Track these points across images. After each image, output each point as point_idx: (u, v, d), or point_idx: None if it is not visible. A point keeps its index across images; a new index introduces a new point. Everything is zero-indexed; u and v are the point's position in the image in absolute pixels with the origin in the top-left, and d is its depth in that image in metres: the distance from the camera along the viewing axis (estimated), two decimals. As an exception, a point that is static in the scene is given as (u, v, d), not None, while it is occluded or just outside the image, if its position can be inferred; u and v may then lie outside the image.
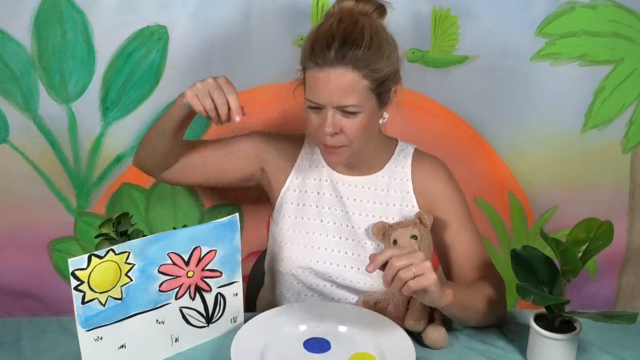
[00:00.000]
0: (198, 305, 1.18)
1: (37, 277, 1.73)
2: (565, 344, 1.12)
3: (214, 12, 1.51)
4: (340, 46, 1.14)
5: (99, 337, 1.08)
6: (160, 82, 1.56)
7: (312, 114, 1.22)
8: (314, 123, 1.22)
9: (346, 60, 1.14)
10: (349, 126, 1.20)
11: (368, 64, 1.15)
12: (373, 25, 1.19)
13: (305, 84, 1.22)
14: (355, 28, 1.16)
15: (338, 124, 1.19)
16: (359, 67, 1.15)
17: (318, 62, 1.16)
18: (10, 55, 1.51)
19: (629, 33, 1.56)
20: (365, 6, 1.20)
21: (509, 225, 1.75)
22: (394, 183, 1.33)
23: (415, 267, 1.04)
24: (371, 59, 1.16)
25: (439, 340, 1.19)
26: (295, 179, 1.37)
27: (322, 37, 1.17)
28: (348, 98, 1.16)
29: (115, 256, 1.06)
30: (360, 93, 1.17)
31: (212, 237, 1.15)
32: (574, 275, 1.12)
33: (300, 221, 1.35)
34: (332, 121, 1.19)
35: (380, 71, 1.17)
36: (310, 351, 1.15)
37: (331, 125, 1.19)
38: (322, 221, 1.34)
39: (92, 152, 1.62)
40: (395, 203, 1.32)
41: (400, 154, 1.35)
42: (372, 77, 1.17)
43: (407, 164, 1.34)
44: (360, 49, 1.14)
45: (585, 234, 1.16)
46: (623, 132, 1.65)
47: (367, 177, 1.33)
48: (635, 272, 1.81)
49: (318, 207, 1.34)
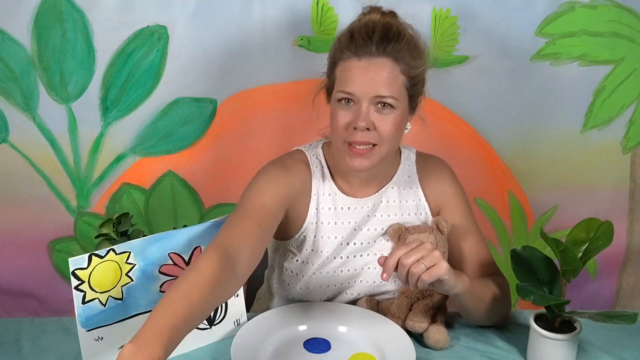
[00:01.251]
0: (199, 306, 1.18)
1: (37, 277, 1.73)
2: (565, 344, 1.12)
3: (214, 12, 1.51)
4: (382, 37, 1.13)
5: (99, 337, 1.08)
6: (160, 82, 1.56)
7: (340, 110, 1.16)
8: (342, 120, 1.15)
9: (387, 52, 1.13)
10: (382, 123, 1.14)
11: (407, 59, 1.14)
12: (407, 25, 1.19)
13: (337, 79, 1.17)
14: (392, 24, 1.16)
15: (371, 119, 1.14)
16: (399, 60, 1.14)
17: (357, 52, 1.13)
18: (10, 55, 1.51)
19: (629, 33, 1.56)
20: (391, 20, 1.20)
21: (509, 225, 1.75)
22: (405, 192, 1.30)
23: (425, 260, 1.05)
24: (411, 55, 1.15)
25: (441, 341, 1.19)
26: (315, 210, 1.26)
27: (362, 29, 1.15)
28: (386, 89, 1.13)
29: (115, 256, 1.06)
30: (397, 87, 1.14)
31: (212, 236, 1.15)
32: (574, 275, 1.12)
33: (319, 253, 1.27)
34: (366, 115, 1.13)
35: (417, 68, 1.16)
36: (310, 351, 1.15)
37: (365, 119, 1.13)
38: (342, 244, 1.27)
39: (92, 152, 1.62)
40: (409, 212, 1.30)
41: (406, 162, 1.32)
42: (409, 73, 1.15)
43: (413, 172, 1.31)
44: (401, 42, 1.14)
45: (585, 234, 1.16)
46: (623, 132, 1.65)
47: (379, 193, 1.28)
48: (635, 272, 1.81)
49: (337, 238, 1.26)
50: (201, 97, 1.60)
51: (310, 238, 1.26)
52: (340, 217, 1.26)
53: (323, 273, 1.27)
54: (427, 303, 1.20)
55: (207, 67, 1.56)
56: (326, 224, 1.26)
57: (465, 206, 1.32)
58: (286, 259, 1.29)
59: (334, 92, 1.17)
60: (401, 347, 1.14)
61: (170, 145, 1.64)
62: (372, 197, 1.28)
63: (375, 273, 1.28)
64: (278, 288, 1.33)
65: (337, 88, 1.16)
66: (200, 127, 1.63)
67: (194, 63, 1.55)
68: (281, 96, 1.60)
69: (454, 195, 1.31)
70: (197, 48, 1.54)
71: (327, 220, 1.26)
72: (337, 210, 1.26)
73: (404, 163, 1.32)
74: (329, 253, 1.26)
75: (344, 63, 1.15)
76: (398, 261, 1.06)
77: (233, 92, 1.61)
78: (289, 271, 1.29)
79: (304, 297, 1.29)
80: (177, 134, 1.63)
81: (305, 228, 1.25)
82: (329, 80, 1.20)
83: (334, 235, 1.26)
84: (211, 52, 1.55)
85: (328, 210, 1.26)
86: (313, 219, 1.26)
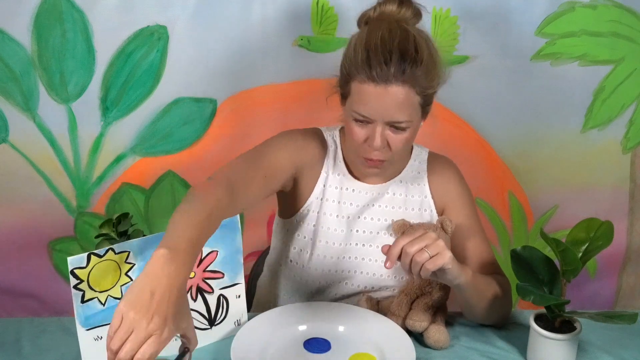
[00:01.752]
0: (200, 307, 1.18)
1: (37, 277, 1.73)
2: (565, 344, 1.12)
3: (214, 12, 1.51)
4: (399, 63, 1.11)
5: (98, 336, 1.08)
6: (160, 82, 1.56)
7: (355, 126, 1.17)
8: (359, 136, 1.17)
9: (404, 78, 1.11)
10: (395, 141, 1.17)
11: (424, 81, 1.13)
12: (424, 37, 1.16)
13: (352, 94, 1.16)
14: (409, 42, 1.13)
15: (385, 139, 1.16)
16: (415, 85, 1.12)
17: (374, 77, 1.11)
18: (10, 55, 1.51)
19: (629, 33, 1.56)
20: (407, 12, 1.18)
21: (509, 225, 1.75)
22: (412, 188, 1.31)
23: (429, 249, 1.05)
24: (429, 77, 1.14)
25: (441, 341, 1.18)
26: (322, 186, 1.31)
27: (378, 51, 1.12)
28: (401, 114, 1.13)
29: (114, 255, 1.06)
30: (412, 109, 1.14)
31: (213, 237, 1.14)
32: (574, 275, 1.12)
33: (321, 230, 1.30)
34: (381, 136, 1.15)
35: (434, 88, 1.16)
36: (310, 351, 1.15)
37: (379, 141, 1.15)
38: (344, 231, 1.30)
39: (92, 152, 1.62)
40: (414, 207, 1.31)
41: (417, 158, 1.33)
42: (425, 93, 1.15)
43: (423, 169, 1.32)
44: (419, 67, 1.12)
45: (585, 234, 1.16)
46: (623, 132, 1.65)
47: (386, 184, 1.31)
48: (635, 272, 1.81)
49: (339, 216, 1.30)
50: (201, 97, 1.60)
51: (314, 213, 1.29)
52: (344, 197, 1.30)
53: (327, 257, 1.28)
54: (427, 302, 1.20)
55: (207, 67, 1.56)
56: (330, 201, 1.29)
57: (470, 207, 1.32)
58: (292, 236, 1.32)
59: (349, 107, 1.17)
60: (401, 347, 1.14)
61: (170, 145, 1.64)
62: (379, 187, 1.30)
63: (377, 266, 1.29)
64: (284, 269, 1.34)
65: (352, 106, 1.16)
66: (200, 127, 1.63)
67: (194, 63, 1.55)
68: (281, 96, 1.60)
69: (460, 195, 1.32)
70: (197, 48, 1.54)
71: (331, 198, 1.29)
72: (342, 190, 1.30)
73: (415, 159, 1.33)
74: (330, 231, 1.29)
75: (359, 84, 1.13)
76: (402, 250, 1.06)
77: (233, 92, 1.61)
78: (296, 249, 1.30)
79: (309, 278, 1.30)
80: (177, 134, 1.63)
81: (310, 203, 1.29)
82: (343, 88, 1.19)
83: (336, 214, 1.29)
84: (211, 52, 1.55)
85: (334, 189, 1.29)
86: (319, 195, 1.29)
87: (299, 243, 1.31)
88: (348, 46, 1.17)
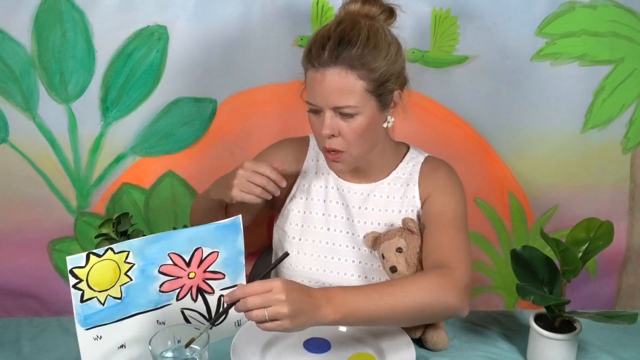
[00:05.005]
0: (200, 307, 1.18)
1: (37, 277, 1.73)
2: (565, 344, 1.12)
3: (214, 12, 1.51)
4: (334, 46, 1.13)
5: (98, 336, 1.08)
6: (160, 82, 1.56)
7: (312, 117, 1.21)
8: (315, 127, 1.22)
9: (340, 60, 1.13)
10: (347, 129, 1.18)
11: (363, 63, 1.14)
12: (373, 26, 1.17)
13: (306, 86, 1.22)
14: (353, 29, 1.15)
15: (336, 127, 1.18)
16: (354, 66, 1.14)
17: (314, 63, 1.16)
18: (10, 55, 1.51)
19: (629, 33, 1.56)
20: (372, 9, 1.19)
21: (509, 225, 1.74)
22: (398, 190, 1.31)
23: (268, 311, 0.98)
24: (366, 58, 1.14)
25: (439, 343, 1.19)
26: (302, 185, 1.36)
27: (319, 39, 1.16)
28: (344, 99, 1.15)
29: (114, 255, 1.06)
30: (357, 94, 1.15)
31: (214, 238, 1.15)
32: (574, 275, 1.12)
33: (307, 229, 1.34)
34: (330, 123, 1.17)
35: (377, 71, 1.16)
36: (310, 351, 1.15)
37: (329, 127, 1.17)
38: (329, 229, 1.33)
39: (92, 152, 1.62)
40: (400, 209, 1.31)
41: (410, 162, 1.33)
42: (369, 77, 1.15)
43: (415, 171, 1.32)
44: (354, 48, 1.13)
45: (585, 234, 1.17)
46: (623, 132, 1.65)
47: (373, 185, 1.32)
48: (635, 272, 1.81)
49: (325, 215, 1.33)
50: (201, 97, 1.60)
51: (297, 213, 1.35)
52: (330, 196, 1.34)
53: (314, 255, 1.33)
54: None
55: (207, 67, 1.56)
56: (316, 200, 1.34)
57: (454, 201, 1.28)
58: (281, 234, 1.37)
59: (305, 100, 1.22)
60: (401, 347, 1.14)
61: (170, 145, 1.64)
62: (364, 186, 1.32)
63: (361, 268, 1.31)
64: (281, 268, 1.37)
65: (306, 97, 1.21)
66: (200, 127, 1.62)
67: (194, 63, 1.55)
68: (281, 96, 1.60)
69: (444, 186, 1.30)
70: (197, 48, 1.54)
71: (316, 198, 1.34)
72: (327, 189, 1.34)
73: (408, 162, 1.33)
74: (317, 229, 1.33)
75: (307, 72, 1.19)
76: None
77: (233, 92, 1.61)
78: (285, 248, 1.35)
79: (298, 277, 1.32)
80: (177, 134, 1.62)
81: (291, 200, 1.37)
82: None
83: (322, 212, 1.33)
84: (211, 52, 1.55)
85: (319, 188, 1.34)
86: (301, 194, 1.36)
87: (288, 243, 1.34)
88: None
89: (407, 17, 1.52)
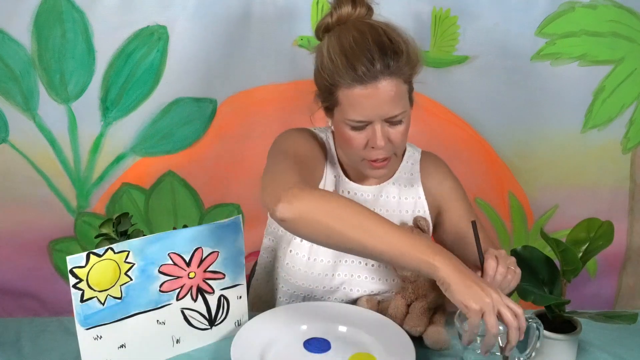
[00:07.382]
0: (200, 307, 1.18)
1: (37, 277, 1.73)
2: (565, 344, 1.12)
3: (214, 12, 1.51)
4: (382, 58, 1.11)
5: (98, 335, 1.08)
6: (160, 82, 1.56)
7: (353, 133, 1.17)
8: (359, 142, 1.17)
9: (391, 71, 1.11)
10: (395, 135, 1.16)
11: (408, 69, 1.14)
12: (390, 27, 1.17)
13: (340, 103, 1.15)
14: (381, 35, 1.14)
15: (386, 135, 1.16)
16: (401, 75, 1.13)
17: (362, 77, 1.11)
18: (10, 55, 1.51)
19: (629, 33, 1.56)
20: (362, 9, 1.19)
21: (509, 225, 1.74)
22: (405, 189, 1.31)
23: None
24: (411, 63, 1.15)
25: (440, 341, 1.18)
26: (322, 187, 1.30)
27: (357, 52, 1.12)
28: (397, 107, 1.14)
29: (114, 255, 1.06)
30: (404, 99, 1.15)
31: (214, 238, 1.15)
32: (574, 275, 1.12)
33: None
34: (382, 134, 1.15)
35: (417, 72, 1.17)
36: (310, 351, 1.15)
37: (383, 139, 1.15)
38: None
39: (92, 152, 1.62)
40: (408, 209, 1.31)
41: (409, 160, 1.33)
42: (409, 79, 1.16)
43: (416, 170, 1.32)
44: (400, 56, 1.13)
45: (585, 234, 1.16)
46: (623, 132, 1.65)
47: (380, 186, 1.31)
48: (635, 272, 1.81)
49: None
50: (201, 97, 1.60)
51: None
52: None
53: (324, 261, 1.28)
54: (423, 305, 1.20)
55: (207, 67, 1.56)
56: None
57: (464, 201, 1.31)
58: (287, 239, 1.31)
59: (342, 117, 1.16)
60: (401, 347, 1.14)
61: (170, 145, 1.64)
62: (374, 188, 1.30)
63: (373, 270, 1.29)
64: (281, 272, 1.32)
65: (345, 115, 1.15)
66: (200, 127, 1.63)
67: (194, 63, 1.55)
68: (281, 96, 1.60)
69: (450, 189, 1.31)
70: (197, 48, 1.54)
71: None
72: (338, 192, 1.29)
73: (407, 161, 1.32)
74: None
75: (346, 90, 1.13)
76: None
77: (233, 92, 1.61)
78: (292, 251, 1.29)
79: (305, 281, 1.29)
80: (177, 134, 1.63)
81: None
82: (327, 101, 1.18)
83: None
84: (211, 52, 1.55)
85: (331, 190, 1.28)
86: None
87: (294, 246, 1.29)
88: (320, 58, 1.16)
89: (407, 17, 1.52)
